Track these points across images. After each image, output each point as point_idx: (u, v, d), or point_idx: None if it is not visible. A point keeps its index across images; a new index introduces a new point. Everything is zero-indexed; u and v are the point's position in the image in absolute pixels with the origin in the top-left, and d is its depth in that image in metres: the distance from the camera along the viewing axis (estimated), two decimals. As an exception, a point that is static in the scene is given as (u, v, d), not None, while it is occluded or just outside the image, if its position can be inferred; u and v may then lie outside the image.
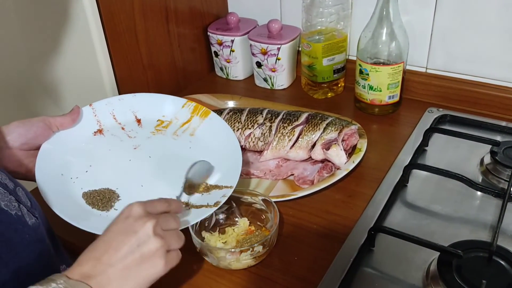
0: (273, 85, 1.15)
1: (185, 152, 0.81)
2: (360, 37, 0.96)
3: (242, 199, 0.76)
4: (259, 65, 1.14)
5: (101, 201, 0.70)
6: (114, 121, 0.83)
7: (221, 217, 0.76)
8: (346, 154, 0.84)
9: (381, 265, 0.68)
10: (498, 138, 0.86)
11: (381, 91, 0.97)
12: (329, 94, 1.10)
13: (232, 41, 1.14)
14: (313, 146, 0.86)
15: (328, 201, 0.80)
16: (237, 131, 0.90)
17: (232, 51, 1.16)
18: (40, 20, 0.97)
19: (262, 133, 0.89)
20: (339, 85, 1.11)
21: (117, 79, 0.98)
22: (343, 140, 0.85)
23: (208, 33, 1.17)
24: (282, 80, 1.14)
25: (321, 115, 0.89)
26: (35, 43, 1.01)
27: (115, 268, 0.52)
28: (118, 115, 0.84)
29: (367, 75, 0.96)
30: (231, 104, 1.04)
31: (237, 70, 1.19)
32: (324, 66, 1.05)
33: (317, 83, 1.08)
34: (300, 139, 0.87)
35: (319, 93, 1.09)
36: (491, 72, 0.98)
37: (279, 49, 1.09)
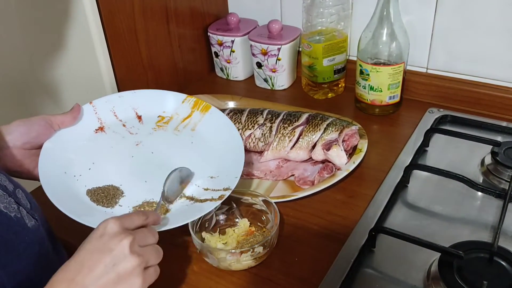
0: (273, 86, 1.15)
1: (187, 147, 0.81)
2: (360, 38, 0.96)
3: (242, 200, 0.76)
4: (259, 65, 1.13)
5: (106, 198, 0.70)
6: (115, 118, 0.83)
7: (222, 218, 0.76)
8: (346, 154, 0.84)
9: (381, 266, 0.68)
10: (499, 138, 0.86)
11: (381, 91, 0.97)
12: (330, 94, 1.10)
13: (232, 42, 1.14)
14: (314, 146, 0.86)
15: (328, 201, 0.80)
16: (238, 131, 0.89)
17: (232, 51, 1.16)
18: (40, 20, 0.97)
19: (262, 134, 0.89)
20: (340, 86, 1.11)
21: (117, 79, 0.98)
22: (343, 140, 0.85)
23: (208, 34, 1.17)
24: (282, 80, 1.14)
25: (321, 116, 0.89)
26: (36, 43, 1.01)
27: None
28: (118, 112, 0.84)
29: (368, 75, 0.96)
30: (231, 104, 1.04)
31: (238, 70, 1.19)
32: (324, 66, 1.05)
33: (318, 84, 1.08)
34: (300, 140, 0.87)
35: (320, 93, 1.09)
36: (492, 72, 0.98)
37: (279, 50, 1.09)
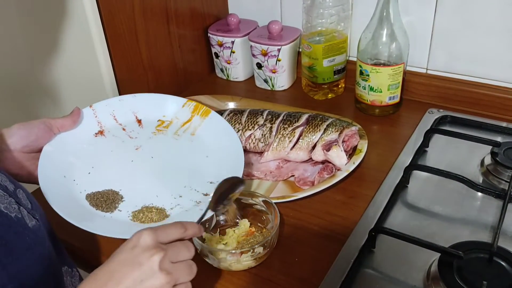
0: (273, 86, 1.15)
1: (186, 152, 0.81)
2: (360, 38, 0.96)
3: (242, 200, 0.76)
4: (259, 66, 1.14)
5: (105, 203, 0.70)
6: (114, 122, 0.83)
7: (222, 218, 0.76)
8: (346, 155, 0.84)
9: (381, 266, 0.68)
10: (498, 139, 0.86)
11: (381, 92, 0.97)
12: (330, 95, 1.10)
13: (232, 42, 1.14)
14: (314, 147, 0.86)
15: (328, 202, 0.80)
16: (238, 132, 0.89)
17: (232, 52, 1.16)
18: (40, 21, 0.97)
19: (262, 134, 0.89)
20: (340, 86, 1.11)
21: (117, 80, 0.98)
22: (343, 141, 0.85)
23: (208, 34, 1.17)
24: (282, 81, 1.14)
25: (321, 116, 0.89)
26: (36, 44, 1.02)
27: None
28: (118, 116, 0.84)
29: (368, 76, 0.96)
30: (231, 105, 1.04)
31: (238, 71, 1.19)
32: (324, 67, 1.05)
33: (318, 84, 1.08)
34: (300, 140, 0.87)
35: (320, 94, 1.09)
36: (491, 72, 0.98)
37: (279, 50, 1.09)
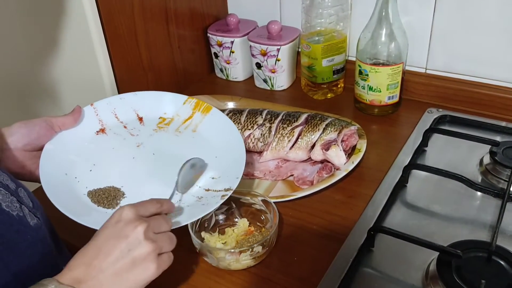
0: (272, 86, 1.15)
1: (188, 148, 0.81)
2: (359, 38, 0.97)
3: (241, 200, 0.76)
4: (259, 66, 1.14)
5: (107, 199, 0.70)
6: (116, 120, 0.83)
7: (221, 217, 0.76)
8: (345, 154, 0.84)
9: (380, 265, 0.68)
10: (497, 138, 0.86)
11: (380, 91, 0.97)
12: (329, 94, 1.10)
13: (232, 42, 1.15)
14: (313, 146, 0.86)
15: (327, 201, 0.80)
16: (239, 132, 0.89)
17: (232, 52, 1.16)
18: (40, 21, 0.97)
19: (261, 134, 0.89)
20: (339, 86, 1.11)
21: (117, 80, 0.98)
22: (342, 140, 0.85)
23: (208, 34, 1.18)
24: (281, 81, 1.14)
25: (320, 116, 0.89)
26: (36, 44, 1.02)
27: (106, 273, 0.52)
28: (119, 113, 0.84)
29: (367, 75, 0.96)
30: (231, 105, 1.04)
31: (237, 71, 1.19)
32: (323, 67, 1.05)
33: (317, 84, 1.08)
34: (299, 140, 0.87)
35: (319, 93, 1.09)
36: (490, 72, 0.98)
37: (278, 50, 1.09)
